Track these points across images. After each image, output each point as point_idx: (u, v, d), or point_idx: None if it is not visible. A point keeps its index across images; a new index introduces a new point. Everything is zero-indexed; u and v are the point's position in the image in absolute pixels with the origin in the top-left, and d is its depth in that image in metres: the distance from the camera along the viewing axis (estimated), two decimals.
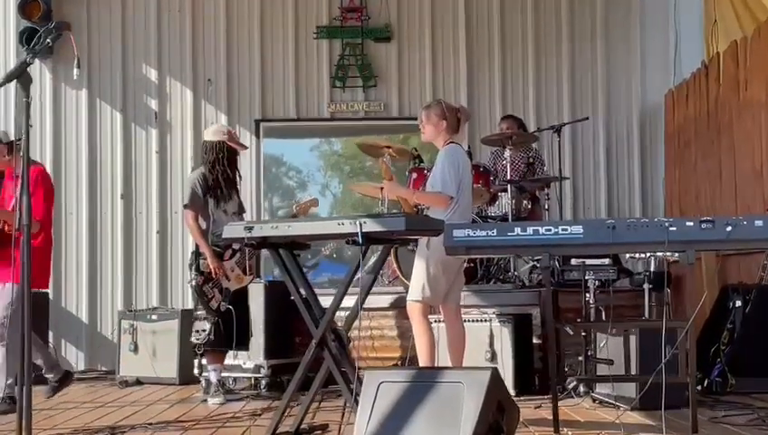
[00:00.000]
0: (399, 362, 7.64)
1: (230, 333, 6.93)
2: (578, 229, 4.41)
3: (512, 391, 6.16)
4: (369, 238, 4.69)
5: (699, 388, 6.18)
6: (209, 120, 10.24)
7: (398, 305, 7.72)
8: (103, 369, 9.75)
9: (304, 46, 10.38)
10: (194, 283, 6.94)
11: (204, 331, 6.93)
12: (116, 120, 10.26)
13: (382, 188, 8.67)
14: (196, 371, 7.65)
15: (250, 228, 5.01)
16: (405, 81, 10.38)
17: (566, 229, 4.42)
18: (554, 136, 8.51)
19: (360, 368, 7.92)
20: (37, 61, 10.11)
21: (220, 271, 6.93)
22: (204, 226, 7.04)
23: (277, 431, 4.97)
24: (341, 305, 7.60)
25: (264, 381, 7.64)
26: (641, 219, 4.42)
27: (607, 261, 6.82)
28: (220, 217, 7.03)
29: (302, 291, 5.15)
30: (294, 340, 8.19)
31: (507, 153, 8.07)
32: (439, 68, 10.38)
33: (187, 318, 8.51)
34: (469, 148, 8.05)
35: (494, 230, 4.48)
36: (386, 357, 7.74)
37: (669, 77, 9.74)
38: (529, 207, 8.30)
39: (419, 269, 6.21)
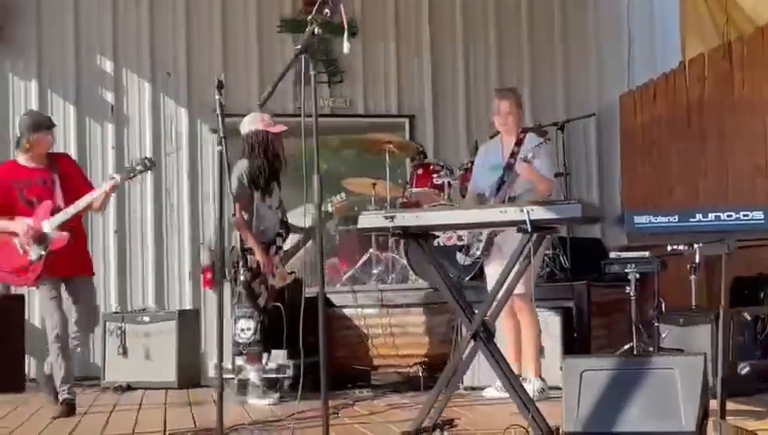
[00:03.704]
0: (424, 361, 7.46)
1: (276, 332, 6.67)
2: (759, 215, 4.43)
3: None
4: (536, 226, 4.58)
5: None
6: (169, 114, 9.85)
7: (427, 302, 7.59)
8: None
9: (268, 40, 10.09)
10: (242, 279, 6.60)
11: (249, 329, 6.63)
12: (69, 113, 9.66)
13: (374, 185, 8.60)
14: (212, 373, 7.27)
15: (392, 217, 4.79)
16: (370, 77, 10.25)
17: (747, 215, 4.44)
18: (558, 133, 8.57)
19: (378, 366, 7.83)
20: None
21: (270, 266, 6.65)
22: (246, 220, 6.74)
23: (422, 425, 4.80)
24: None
25: (286, 382, 7.35)
26: None
27: (648, 254, 6.91)
28: (265, 213, 6.78)
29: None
30: (308, 339, 7.92)
31: None
32: (404, 65, 10.31)
33: (184, 319, 8.21)
34: (476, 143, 8.03)
35: (675, 216, 4.46)
36: (408, 355, 7.55)
37: (624, 80, 9.99)
38: None
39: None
